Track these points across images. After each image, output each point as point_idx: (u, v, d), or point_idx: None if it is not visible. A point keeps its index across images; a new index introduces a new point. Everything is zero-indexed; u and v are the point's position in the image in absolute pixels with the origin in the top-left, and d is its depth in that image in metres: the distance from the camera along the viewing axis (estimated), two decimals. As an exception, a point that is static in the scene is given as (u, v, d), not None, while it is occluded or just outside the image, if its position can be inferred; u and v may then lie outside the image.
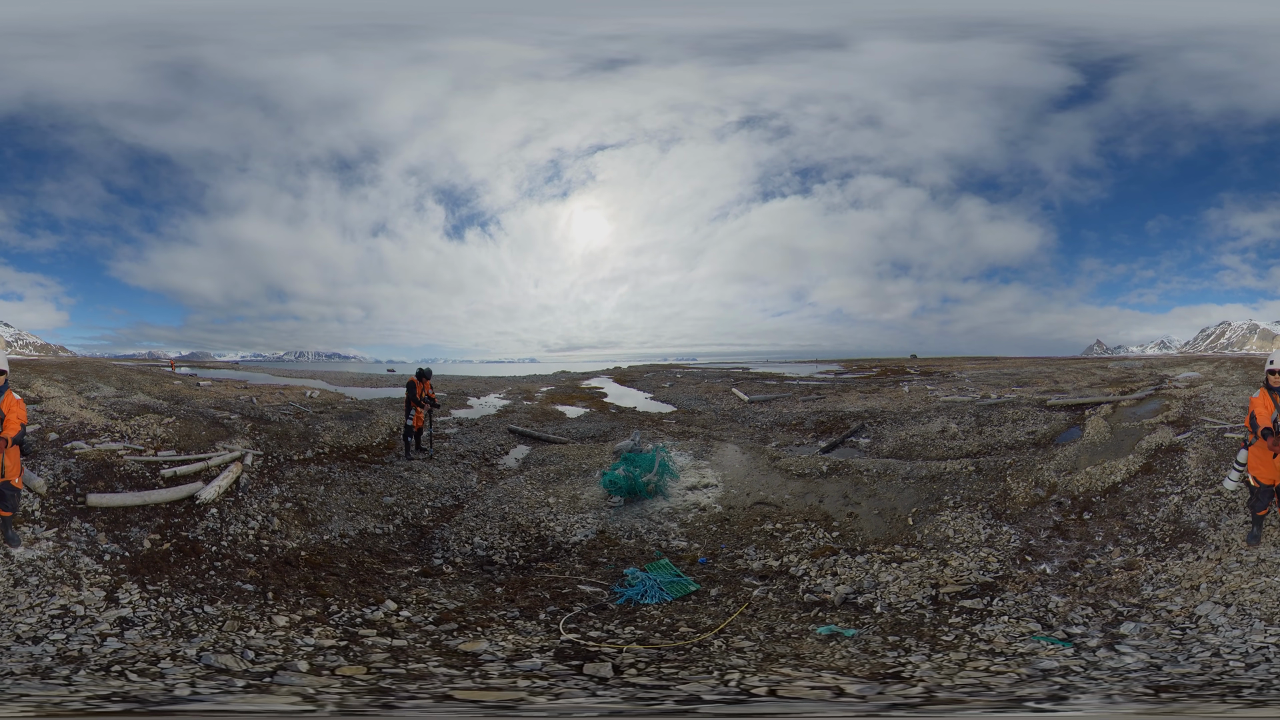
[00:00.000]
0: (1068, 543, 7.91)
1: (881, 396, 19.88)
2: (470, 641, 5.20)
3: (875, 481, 9.90)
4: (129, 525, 7.87)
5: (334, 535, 8.45)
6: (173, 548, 7.53)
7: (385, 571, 7.30)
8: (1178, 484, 8.84)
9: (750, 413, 18.33)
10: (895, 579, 6.74)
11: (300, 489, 9.62)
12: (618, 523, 8.56)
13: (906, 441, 12.77)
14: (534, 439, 14.70)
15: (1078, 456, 10.57)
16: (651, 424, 17.04)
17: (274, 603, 6.27)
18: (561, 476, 10.69)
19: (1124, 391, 17.54)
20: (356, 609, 6.11)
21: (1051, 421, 13.95)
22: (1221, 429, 10.87)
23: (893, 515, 8.96)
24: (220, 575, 6.91)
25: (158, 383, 22.10)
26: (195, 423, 12.44)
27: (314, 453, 11.84)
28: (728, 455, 11.63)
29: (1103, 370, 28.06)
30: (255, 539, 8.02)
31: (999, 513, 8.86)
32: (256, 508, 8.86)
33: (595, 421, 17.50)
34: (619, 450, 11.57)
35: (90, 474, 9.19)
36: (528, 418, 18.15)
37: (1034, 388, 20.47)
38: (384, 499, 9.63)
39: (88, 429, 11.23)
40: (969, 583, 6.76)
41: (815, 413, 17.02)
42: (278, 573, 7.16)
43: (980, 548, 7.79)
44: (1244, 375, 20.77)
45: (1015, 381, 22.89)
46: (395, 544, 8.38)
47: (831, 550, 7.67)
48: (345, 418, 14.27)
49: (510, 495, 9.81)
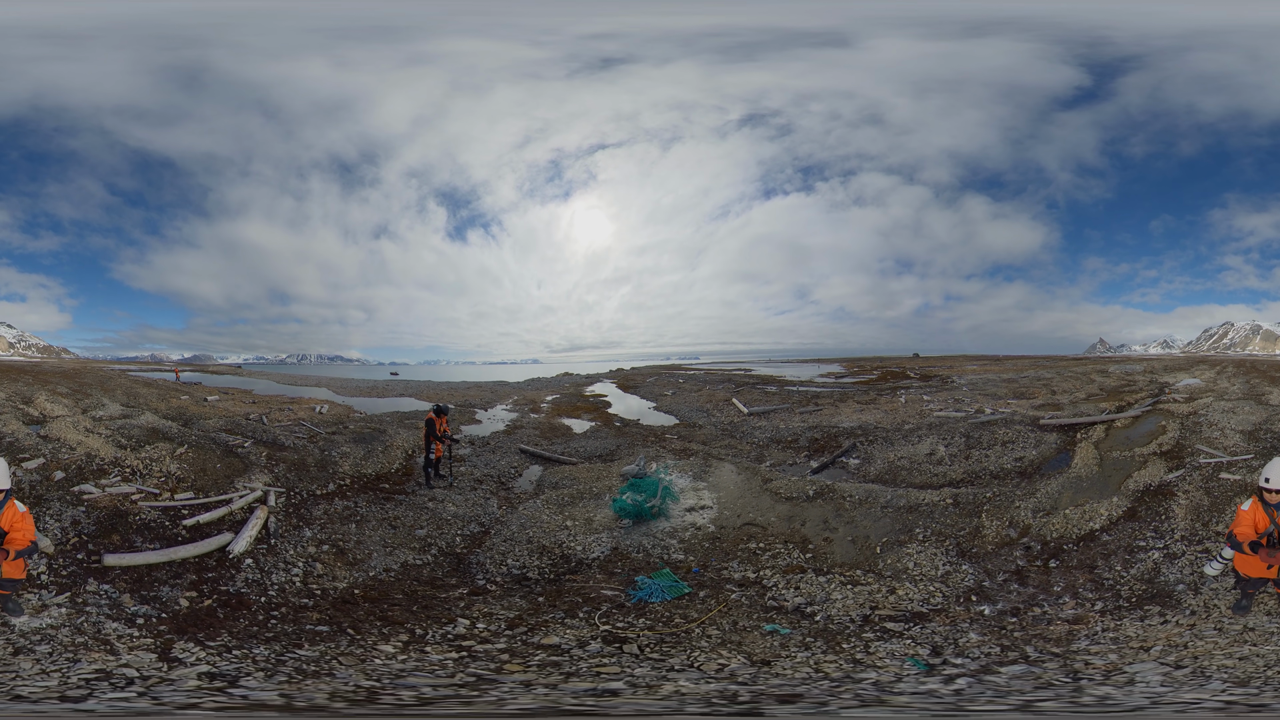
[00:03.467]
0: (1022, 588, 7.99)
1: (877, 408, 20.88)
2: (546, 637, 6.63)
3: (855, 509, 10.62)
4: (156, 584, 7.55)
5: (378, 571, 8.82)
6: (216, 603, 7.37)
7: (439, 596, 7.99)
8: (1161, 537, 8.54)
9: (749, 427, 19.38)
10: (844, 597, 7.73)
11: (332, 529, 9.92)
12: (628, 541, 9.90)
13: (894, 465, 13.59)
14: (545, 459, 15.76)
15: (1060, 494, 10.61)
16: (655, 439, 18.13)
17: (360, 637, 6.58)
18: (575, 500, 11.82)
19: (1120, 407, 17.70)
20: (436, 629, 6.80)
21: (1041, 445, 14.10)
22: (1218, 464, 10.67)
23: (864, 543, 9.62)
24: (284, 622, 6.98)
25: (165, 398, 22.44)
26: (209, 453, 12.45)
27: (335, 485, 12.32)
28: (724, 476, 12.67)
29: (1102, 376, 28.64)
30: (303, 584, 8.16)
31: (964, 550, 9.16)
32: (294, 554, 8.93)
33: (601, 438, 18.59)
34: (625, 474, 12.73)
35: (103, 525, 8.78)
36: (536, 434, 19.25)
37: (1030, 400, 21.05)
38: (416, 532, 10.29)
39: (96, 463, 10.97)
40: (904, 610, 7.44)
41: (811, 428, 18.05)
42: (342, 611, 7.39)
43: (932, 582, 8.25)
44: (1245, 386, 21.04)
45: (1013, 392, 23.62)
46: (438, 572, 9.02)
47: (801, 569, 8.74)
48: (359, 440, 15.30)
49: (532, 520, 10.84)
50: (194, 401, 22.36)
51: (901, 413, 19.68)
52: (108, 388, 23.41)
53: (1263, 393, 17.82)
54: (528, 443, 17.48)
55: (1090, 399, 20.54)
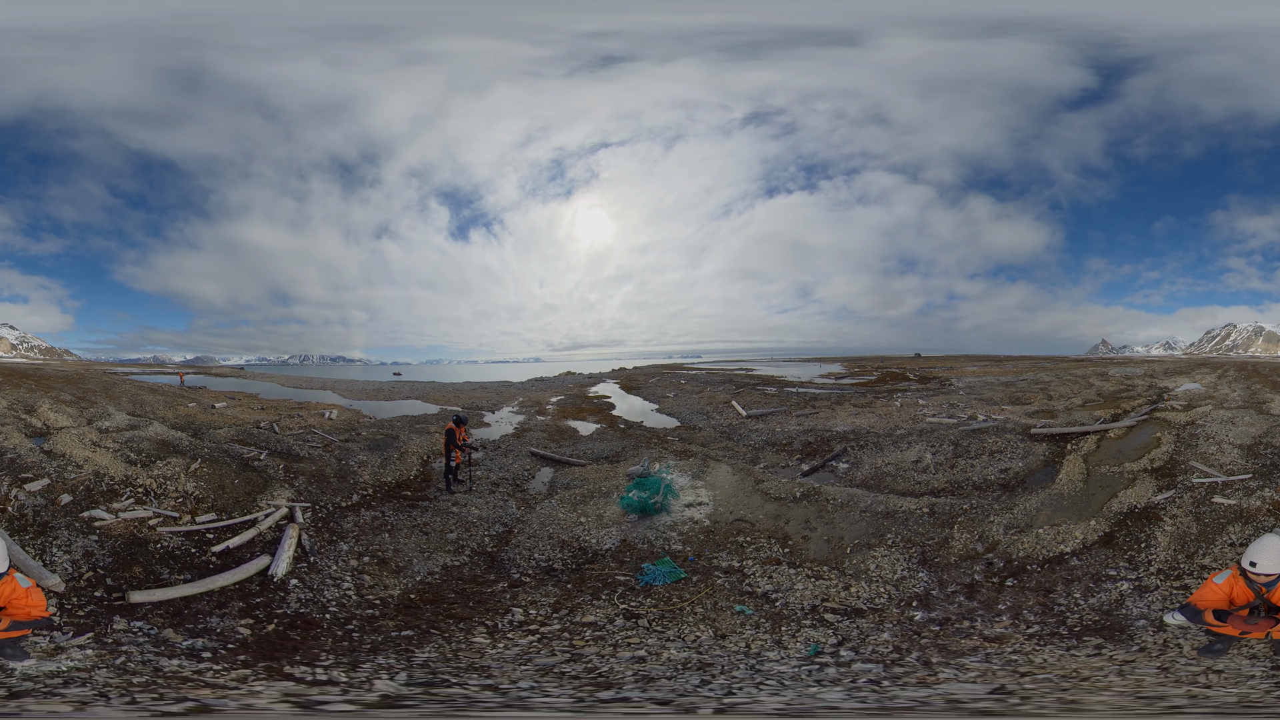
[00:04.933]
0: (967, 602, 8.15)
1: (872, 412, 21.90)
2: (585, 616, 8.07)
3: (836, 511, 11.46)
4: (199, 615, 7.34)
5: (423, 575, 9.37)
6: (281, 627, 7.29)
7: (486, 591, 8.81)
8: (1135, 568, 8.29)
9: (746, 430, 20.45)
10: (804, 588, 8.74)
11: (368, 540, 10.41)
12: (635, 533, 11.18)
13: (880, 470, 14.52)
14: (555, 462, 16.90)
15: (1037, 511, 10.65)
16: (657, 441, 19.26)
17: (443, 635, 7.22)
18: (587, 498, 12.97)
19: (1115, 416, 17.60)
20: (501, 619, 7.78)
21: (1029, 457, 14.28)
22: (1212, 485, 10.35)
23: (837, 543, 10.44)
24: (366, 634, 7.23)
25: (172, 405, 22.86)
26: (224, 468, 12.44)
27: (359, 496, 12.93)
28: (720, 476, 13.78)
29: (1101, 380, 29.23)
30: (359, 596, 8.43)
31: (927, 559, 9.60)
32: (337, 569, 9.18)
33: (607, 440, 19.79)
34: (631, 474, 14.09)
35: (121, 557, 8.36)
36: (544, 437, 20.40)
37: (1025, 406, 21.64)
38: (447, 535, 11.08)
39: (105, 483, 10.60)
40: (848, 605, 8.24)
41: (805, 431, 19.12)
42: (411, 615, 7.85)
43: (885, 584, 8.84)
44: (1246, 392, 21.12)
45: (1009, 396, 24.22)
46: (475, 570, 9.83)
47: (777, 561, 9.85)
48: (374, 447, 16.36)
49: (550, 518, 11.88)
50: (201, 409, 22.75)
51: (895, 417, 20.65)
52: (112, 394, 23.77)
53: (1263, 400, 17.94)
54: (537, 446, 18.62)
55: (1086, 405, 20.94)
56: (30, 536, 8.61)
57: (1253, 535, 8.60)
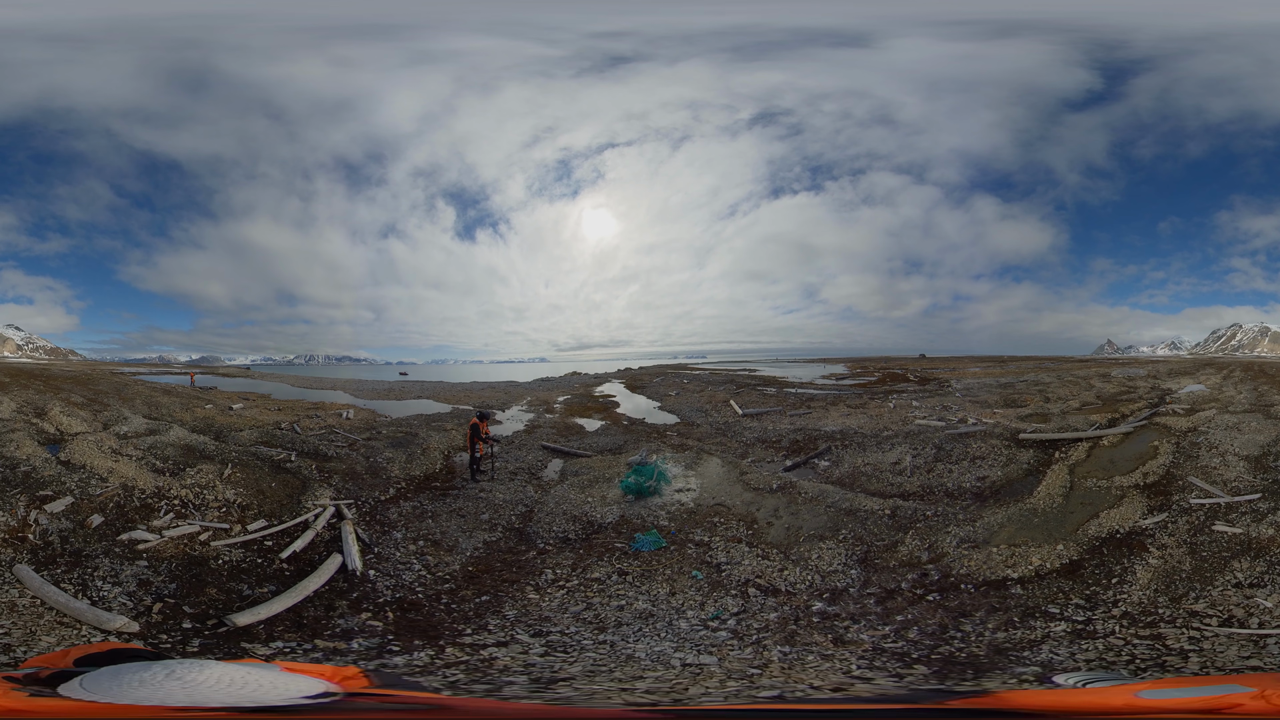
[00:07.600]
0: (874, 607, 8.38)
1: (864, 413, 23.91)
2: (592, 573, 10.44)
3: (804, 504, 12.99)
4: (320, 623, 7.67)
5: (470, 551, 11.08)
6: (400, 613, 8.18)
7: (522, 559, 10.84)
8: (1092, 607, 7.05)
9: (741, 427, 22.61)
10: (749, 565, 10.27)
11: (416, 527, 12.07)
12: (631, 511, 13.44)
13: (858, 470, 16.01)
14: (565, 454, 19.20)
15: (1001, 528, 10.34)
16: (657, 436, 21.57)
17: (511, 596, 9.17)
18: (593, 483, 15.34)
19: (1112, 420, 17.19)
20: (539, 579, 9.93)
21: (1010, 465, 14.40)
22: (1214, 507, 9.03)
23: (795, 532, 11.66)
24: (461, 604, 8.78)
25: (188, 407, 23.48)
26: (258, 472, 13.03)
27: (394, 490, 14.60)
28: (709, 467, 15.99)
29: (1103, 381, 30.50)
30: (431, 575, 9.75)
31: (868, 559, 10.17)
32: (401, 555, 10.42)
33: (611, 435, 22.23)
34: (631, 462, 16.52)
35: (184, 580, 7.87)
36: (553, 433, 22.72)
37: (1018, 409, 22.46)
38: (481, 517, 13.10)
39: (137, 497, 10.20)
40: (772, 584, 9.54)
41: (795, 430, 21.24)
42: (475, 583, 9.63)
43: (815, 573, 9.76)
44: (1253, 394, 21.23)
45: (1004, 399, 25.33)
46: (509, 543, 11.81)
47: (739, 540, 11.60)
48: (396, 444, 18.58)
49: (563, 499, 14.24)
50: (219, 411, 23.50)
51: (885, 419, 22.52)
52: (125, 396, 24.56)
53: (1271, 403, 17.67)
54: (548, 440, 20.98)
55: (1083, 408, 21.55)
56: (63, 570, 7.74)
57: (1265, 573, 7.20)
